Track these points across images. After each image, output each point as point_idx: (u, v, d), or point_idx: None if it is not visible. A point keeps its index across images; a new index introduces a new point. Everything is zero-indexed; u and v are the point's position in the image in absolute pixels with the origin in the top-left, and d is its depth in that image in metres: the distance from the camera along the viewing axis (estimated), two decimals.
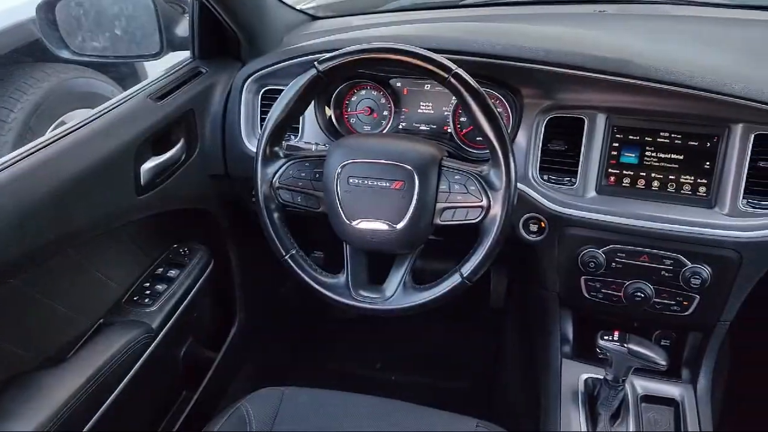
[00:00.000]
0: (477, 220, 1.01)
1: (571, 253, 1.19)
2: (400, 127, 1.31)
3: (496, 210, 1.00)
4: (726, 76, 1.06)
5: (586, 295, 1.21)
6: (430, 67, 0.97)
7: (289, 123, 1.08)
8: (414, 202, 1.00)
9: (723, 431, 1.50)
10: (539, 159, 1.19)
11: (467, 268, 1.02)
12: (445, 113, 1.28)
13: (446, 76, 0.97)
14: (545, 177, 1.19)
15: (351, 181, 1.02)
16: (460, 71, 0.98)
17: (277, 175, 1.08)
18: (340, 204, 1.03)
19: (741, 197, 1.10)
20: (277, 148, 1.09)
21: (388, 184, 1.01)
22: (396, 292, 1.06)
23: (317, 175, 1.07)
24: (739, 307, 1.19)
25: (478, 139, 1.26)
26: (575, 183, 1.17)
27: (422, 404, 1.12)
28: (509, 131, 1.20)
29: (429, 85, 1.28)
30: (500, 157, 0.98)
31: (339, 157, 1.03)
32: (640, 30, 1.38)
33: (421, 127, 1.30)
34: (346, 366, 1.89)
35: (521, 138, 1.19)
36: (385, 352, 1.93)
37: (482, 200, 1.00)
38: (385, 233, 1.02)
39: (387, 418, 1.10)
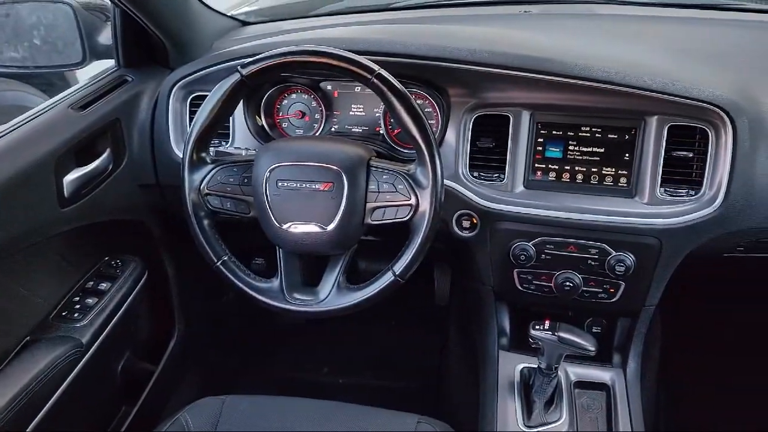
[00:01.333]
0: (406, 218, 1.02)
1: (503, 247, 1.21)
2: (333, 129, 1.32)
3: (425, 207, 1.01)
4: (640, 71, 1.11)
5: (519, 287, 1.24)
6: (353, 68, 0.98)
7: (215, 128, 1.07)
8: (343, 202, 1.01)
9: (656, 411, 1.57)
10: (468, 156, 1.21)
11: (399, 266, 1.03)
12: (377, 115, 1.29)
13: (369, 77, 0.98)
14: (475, 174, 1.22)
15: (280, 184, 1.02)
16: (384, 72, 0.99)
17: (205, 181, 1.07)
18: (270, 208, 1.03)
19: (659, 186, 1.15)
20: (203, 154, 1.08)
21: (317, 186, 1.01)
22: (330, 294, 1.07)
23: (246, 180, 1.06)
24: (663, 292, 1.25)
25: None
26: (504, 179, 1.21)
27: (370, 405, 1.13)
28: (438, 130, 1.23)
29: (359, 88, 1.29)
30: (426, 155, 1.00)
31: (267, 160, 1.03)
32: (563, 29, 1.43)
33: (353, 129, 1.31)
34: (293, 372, 1.88)
35: (450, 137, 1.22)
36: (333, 356, 1.93)
37: (410, 198, 1.02)
38: (317, 235, 1.03)
39: (328, 419, 1.10)
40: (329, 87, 1.30)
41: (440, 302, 1.84)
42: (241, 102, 1.25)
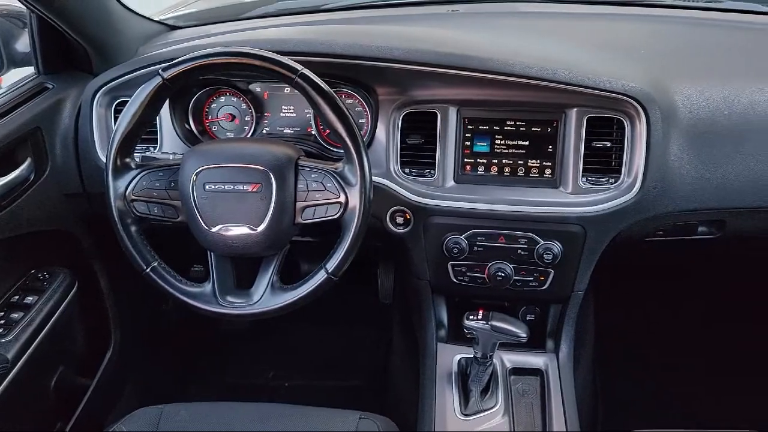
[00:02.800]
0: (337, 215, 1.03)
1: (437, 241, 1.24)
2: (264, 131, 1.32)
3: (354, 205, 1.02)
4: (558, 65, 1.15)
5: (454, 280, 1.27)
6: (276, 68, 0.99)
7: (139, 133, 1.05)
8: (273, 203, 1.01)
9: (593, 391, 1.62)
10: (399, 154, 1.23)
11: (332, 264, 1.04)
12: (308, 115, 1.30)
13: (293, 77, 0.99)
14: (406, 171, 1.24)
15: (207, 187, 1.01)
16: (307, 72, 1.00)
17: (131, 186, 1.05)
18: (198, 211, 1.02)
19: (581, 176, 1.19)
20: (128, 160, 1.06)
21: (245, 188, 1.01)
22: (263, 295, 1.07)
23: (173, 184, 1.05)
24: (592, 278, 1.29)
25: None
26: (435, 174, 1.23)
27: (317, 406, 1.13)
28: (368, 129, 1.24)
29: (289, 89, 1.29)
30: (353, 153, 1.01)
31: (193, 163, 1.02)
32: (488, 26, 1.47)
33: (285, 131, 1.31)
34: (238, 378, 1.86)
35: (381, 134, 1.23)
36: (279, 359, 1.92)
37: (340, 196, 1.03)
38: (247, 237, 1.02)
39: (269, 421, 1.10)
40: (258, 89, 1.30)
41: (384, 300, 1.86)
42: (168, 106, 1.24)
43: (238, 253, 1.05)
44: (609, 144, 1.18)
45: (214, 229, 1.03)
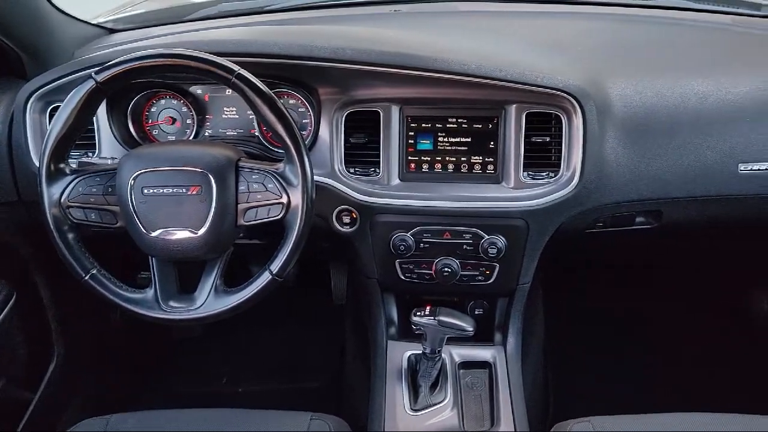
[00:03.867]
0: (279, 216, 1.03)
1: (384, 239, 1.25)
2: (207, 134, 1.30)
3: (297, 205, 1.02)
4: (496, 63, 1.17)
5: (402, 277, 1.28)
6: (212, 69, 0.98)
7: (73, 138, 1.03)
8: (213, 205, 1.00)
9: (544, 380, 1.66)
10: (343, 153, 1.23)
11: (276, 265, 1.04)
12: (251, 117, 1.29)
13: (230, 77, 0.98)
14: (351, 170, 1.24)
15: (145, 191, 1.00)
16: (244, 72, 0.99)
17: (66, 193, 1.02)
18: (137, 216, 1.00)
19: (522, 171, 1.22)
20: (62, 165, 1.03)
21: (184, 191, 1.00)
22: (207, 299, 1.05)
23: (110, 190, 1.03)
24: (537, 270, 1.32)
25: None
26: (379, 173, 1.24)
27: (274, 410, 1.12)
28: (311, 129, 1.24)
29: (230, 90, 1.28)
30: (293, 153, 1.01)
31: (130, 167, 1.01)
32: (430, 26, 1.49)
33: (228, 133, 1.30)
34: (191, 386, 1.83)
35: (324, 134, 1.23)
36: (233, 365, 1.90)
37: (282, 197, 1.02)
38: (189, 240, 1.01)
39: (219, 427, 1.09)
40: (199, 91, 1.28)
41: (338, 301, 1.86)
42: (105, 110, 1.21)
43: (180, 257, 1.04)
44: (548, 139, 1.21)
45: (154, 234, 1.01)
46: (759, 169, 1.22)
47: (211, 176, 1.00)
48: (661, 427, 1.07)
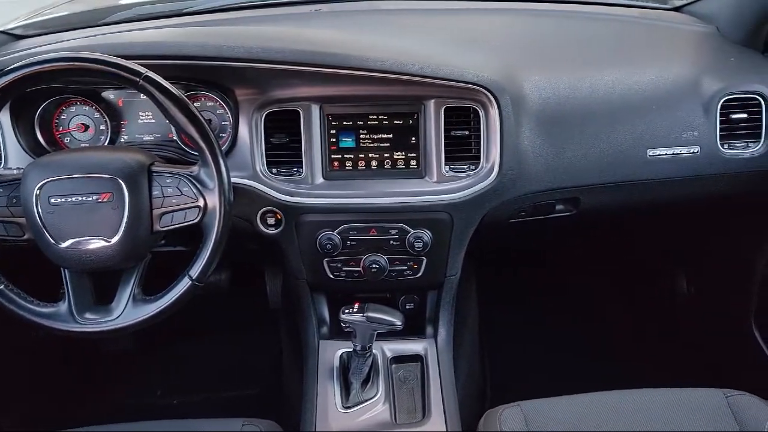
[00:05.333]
0: (197, 220, 1.01)
1: (310, 239, 1.24)
2: (123, 140, 1.26)
3: (214, 208, 1.01)
4: (413, 59, 1.18)
5: (331, 276, 1.28)
6: (117, 72, 0.95)
7: None
8: (126, 212, 0.98)
9: (481, 367, 1.69)
10: (264, 154, 1.22)
11: (195, 270, 1.02)
12: (167, 121, 1.25)
13: (137, 80, 0.96)
14: (274, 171, 1.23)
15: (53, 200, 0.96)
16: (152, 74, 0.97)
17: None
18: (44, 227, 0.97)
19: (444, 165, 1.24)
20: None
21: (94, 198, 0.97)
22: (125, 309, 1.03)
23: (15, 201, 0.99)
24: (465, 261, 1.35)
25: None
26: (303, 172, 1.23)
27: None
28: (230, 130, 1.22)
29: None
30: (207, 155, 1.00)
31: (36, 176, 0.97)
32: (351, 24, 1.49)
33: (144, 138, 1.27)
34: (123, 400, 1.78)
35: (244, 135, 1.22)
36: (169, 375, 1.85)
37: (198, 200, 1.01)
38: (103, 250, 0.98)
39: None
40: (112, 96, 1.25)
41: (274, 305, 1.84)
42: (9, 118, 1.16)
43: (93, 267, 1.00)
44: (467, 132, 1.23)
45: (64, 245, 0.97)
46: (666, 154, 1.28)
47: (122, 182, 0.97)
48: (587, 407, 1.10)
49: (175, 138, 1.26)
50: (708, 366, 1.74)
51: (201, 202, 1.01)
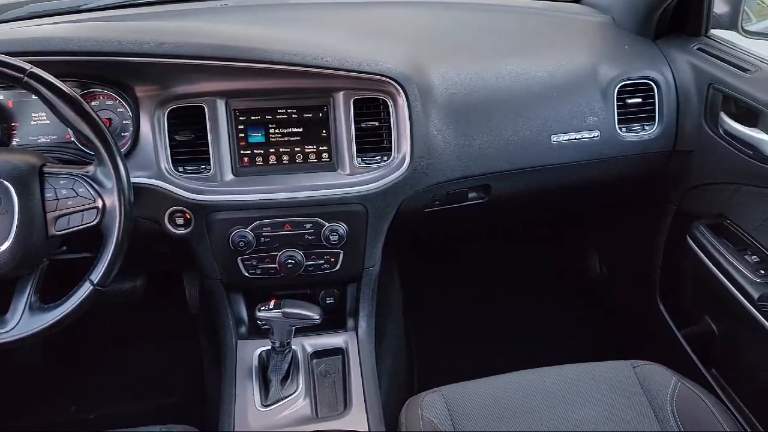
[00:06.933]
0: (95, 222, 0.97)
1: (222, 237, 1.21)
2: (15, 143, 1.19)
3: (113, 208, 0.97)
4: (318, 51, 1.18)
5: (246, 274, 1.25)
6: None
7: None
8: (17, 217, 0.93)
9: (408, 358, 1.71)
10: (169, 152, 1.18)
11: (97, 274, 0.98)
12: (58, 119, 1.19)
13: (20, 76, 0.91)
14: (180, 169, 1.19)
15: None
16: (37, 70, 0.92)
17: None
18: None
19: (356, 157, 1.24)
20: None
21: None
22: (21, 319, 0.97)
23: None
24: (387, 253, 1.35)
25: None
26: (211, 169, 1.20)
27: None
28: (132, 129, 1.18)
29: None
30: (103, 154, 0.96)
31: None
32: (259, 19, 1.47)
33: (40, 140, 1.20)
34: (35, 420, 1.68)
35: (146, 134, 1.18)
36: (85, 389, 1.77)
37: (95, 201, 0.97)
38: None
39: None
40: (1, 97, 1.17)
41: (193, 310, 1.79)
42: None
43: None
44: (377, 124, 1.23)
45: None
46: (568, 140, 1.34)
47: (9, 185, 0.92)
48: (505, 387, 1.13)
49: (72, 139, 1.20)
50: (620, 340, 1.84)
51: (99, 203, 0.97)
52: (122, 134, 1.18)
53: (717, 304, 1.37)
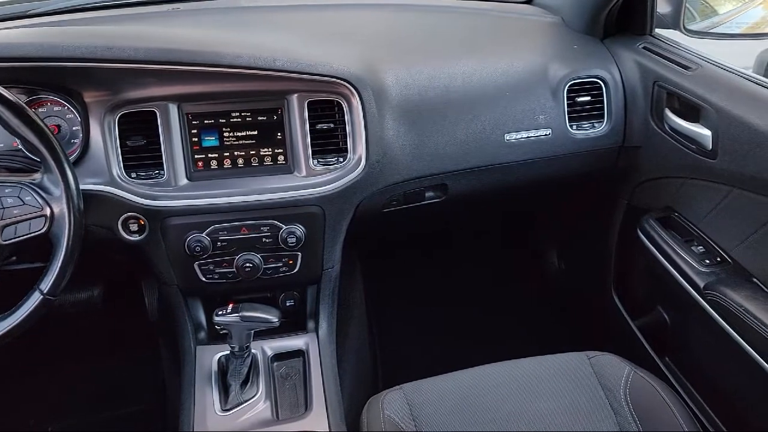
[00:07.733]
0: (43, 230, 0.95)
1: (178, 243, 1.20)
2: None
3: (62, 216, 0.96)
4: (271, 54, 1.17)
5: (204, 279, 1.24)
6: None
7: None
8: None
9: (372, 358, 1.71)
10: (121, 158, 1.17)
11: (46, 283, 0.96)
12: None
13: None
14: (133, 174, 1.18)
15: None
16: None
17: None
18: None
19: (312, 159, 1.24)
20: None
21: None
22: None
23: None
24: (347, 254, 1.36)
25: None
26: (164, 175, 1.19)
27: None
28: (81, 135, 1.16)
29: None
30: (50, 160, 0.94)
31: None
32: (211, 23, 1.46)
33: None
34: None
35: (96, 140, 1.16)
36: (44, 402, 1.72)
37: (43, 209, 0.95)
38: None
39: None
40: None
41: (153, 318, 1.76)
42: None
43: None
44: (332, 125, 1.24)
45: None
46: (521, 138, 1.37)
47: None
48: (465, 382, 1.15)
49: (20, 147, 1.17)
50: (577, 332, 1.88)
51: (47, 211, 0.95)
52: (72, 141, 1.16)
53: (667, 294, 1.41)
